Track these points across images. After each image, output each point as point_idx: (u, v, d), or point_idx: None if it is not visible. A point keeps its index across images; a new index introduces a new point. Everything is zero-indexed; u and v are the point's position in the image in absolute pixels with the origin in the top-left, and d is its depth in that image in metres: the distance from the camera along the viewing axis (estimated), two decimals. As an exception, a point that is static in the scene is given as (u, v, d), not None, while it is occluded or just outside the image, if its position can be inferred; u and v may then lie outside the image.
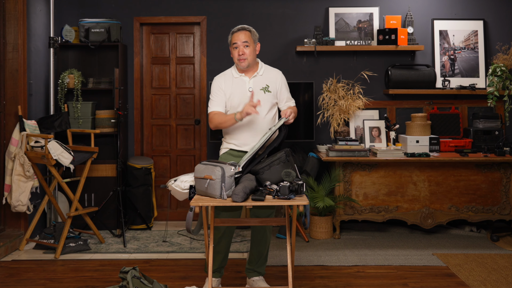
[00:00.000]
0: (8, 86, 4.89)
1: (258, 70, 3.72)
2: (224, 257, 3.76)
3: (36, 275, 4.12)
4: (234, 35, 3.66)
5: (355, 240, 5.05)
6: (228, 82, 3.70)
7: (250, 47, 3.64)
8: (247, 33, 3.65)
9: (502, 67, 5.18)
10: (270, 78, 3.73)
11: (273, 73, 3.77)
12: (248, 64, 3.65)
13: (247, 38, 3.63)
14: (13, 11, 4.88)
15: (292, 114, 3.53)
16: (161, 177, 5.89)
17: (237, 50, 3.63)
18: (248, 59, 3.64)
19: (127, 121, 5.73)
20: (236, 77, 3.71)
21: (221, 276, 3.80)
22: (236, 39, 3.63)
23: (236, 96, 3.66)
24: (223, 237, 3.69)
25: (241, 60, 3.63)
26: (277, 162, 3.28)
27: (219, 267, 3.76)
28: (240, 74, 3.71)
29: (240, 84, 3.69)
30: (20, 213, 4.92)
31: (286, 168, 3.26)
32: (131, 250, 4.76)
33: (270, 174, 3.26)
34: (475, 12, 5.71)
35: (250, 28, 3.70)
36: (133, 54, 5.77)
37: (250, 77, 3.69)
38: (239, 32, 3.65)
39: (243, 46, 3.62)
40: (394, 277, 4.05)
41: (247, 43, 3.62)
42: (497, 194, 5.07)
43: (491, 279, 3.97)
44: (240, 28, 3.67)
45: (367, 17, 5.66)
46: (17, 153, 4.63)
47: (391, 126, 5.34)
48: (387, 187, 5.07)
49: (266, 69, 3.77)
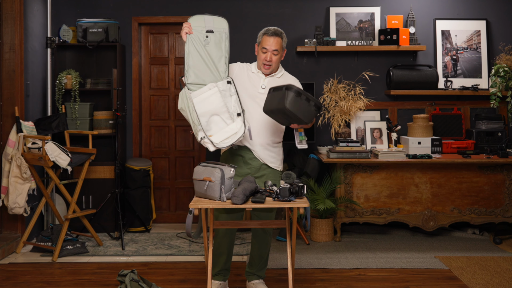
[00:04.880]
0: (4, 86, 4.86)
1: (277, 73, 3.67)
2: (227, 259, 3.71)
3: (33, 278, 4.09)
4: (266, 39, 3.56)
5: (356, 243, 5.02)
6: (245, 72, 3.66)
7: (278, 55, 3.58)
8: (279, 40, 3.56)
9: (505, 67, 5.14)
10: (287, 82, 3.67)
11: (291, 79, 3.71)
12: (272, 70, 3.62)
13: (278, 46, 3.55)
14: (10, 11, 4.84)
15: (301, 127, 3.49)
16: (160, 179, 5.85)
17: (265, 56, 3.56)
18: (273, 66, 3.60)
19: (126, 122, 5.69)
20: (253, 72, 3.67)
21: (226, 279, 3.74)
22: (267, 45, 3.54)
23: (246, 91, 3.59)
24: (224, 238, 3.65)
25: (266, 66, 3.59)
26: (276, 89, 3.30)
27: (222, 269, 3.71)
28: (258, 70, 3.66)
29: (254, 80, 3.64)
30: (17, 216, 4.88)
31: (297, 99, 3.20)
32: (129, 253, 4.72)
33: (270, 98, 3.28)
34: (477, 12, 5.68)
35: (283, 34, 3.61)
36: (132, 54, 5.73)
37: (267, 76, 3.65)
38: (272, 38, 3.54)
39: (272, 53, 3.56)
40: (396, 280, 4.02)
41: (277, 51, 3.56)
42: (500, 196, 5.03)
43: (494, 282, 3.94)
44: (273, 32, 3.55)
45: (368, 17, 5.62)
46: (14, 154, 4.60)
47: (393, 127, 5.32)
48: (389, 189, 5.04)
49: (285, 74, 3.73)
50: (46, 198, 4.85)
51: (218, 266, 3.69)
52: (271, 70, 3.61)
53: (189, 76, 3.44)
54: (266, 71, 3.61)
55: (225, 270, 3.72)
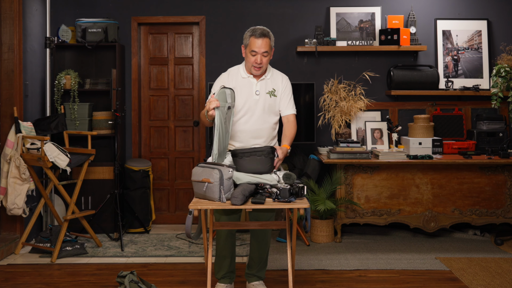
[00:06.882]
0: (3, 87, 4.84)
1: (266, 73, 3.66)
2: (232, 262, 3.70)
3: (32, 279, 4.07)
4: (254, 41, 3.50)
5: (357, 244, 5.00)
6: (234, 81, 3.64)
7: (268, 56, 3.55)
8: (267, 41, 3.52)
9: (506, 67, 5.12)
10: (276, 81, 3.69)
11: (279, 77, 3.72)
12: (262, 72, 3.60)
13: (267, 47, 3.51)
14: (9, 11, 4.82)
15: (279, 162, 3.47)
16: (159, 179, 5.83)
17: (254, 58, 3.52)
18: (263, 68, 3.58)
19: (125, 122, 5.67)
20: (244, 77, 3.65)
21: (232, 281, 3.73)
22: (256, 47, 3.50)
23: (242, 97, 3.59)
24: (226, 241, 3.63)
25: (257, 68, 3.56)
26: (259, 154, 3.27)
27: (227, 271, 3.69)
28: (248, 75, 3.64)
29: (247, 85, 3.62)
30: (15, 217, 4.86)
31: (265, 162, 3.28)
32: (128, 254, 4.70)
33: (248, 162, 3.27)
34: (478, 11, 5.66)
35: (270, 33, 3.56)
36: (131, 54, 5.71)
37: (258, 79, 3.63)
38: (261, 40, 3.49)
39: (262, 55, 3.52)
40: (397, 282, 4.00)
41: (266, 53, 3.52)
42: (501, 197, 5.02)
43: (495, 283, 3.92)
44: (261, 34, 3.50)
45: (369, 17, 5.60)
46: (13, 155, 4.59)
47: (393, 128, 5.30)
48: (389, 190, 5.02)
49: (273, 72, 3.72)
50: (45, 199, 4.83)
51: (223, 269, 3.68)
52: (262, 71, 3.60)
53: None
54: (256, 72, 3.59)
55: (230, 273, 3.70)
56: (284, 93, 3.69)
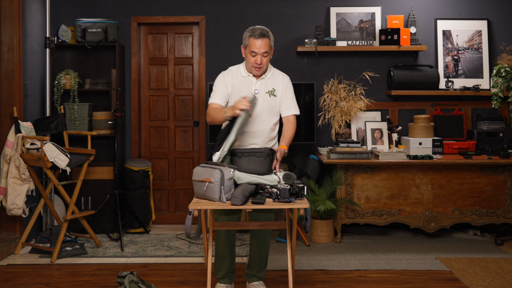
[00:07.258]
0: (3, 87, 4.83)
1: (267, 73, 3.65)
2: (231, 262, 3.70)
3: (32, 279, 4.07)
4: (254, 41, 3.49)
5: (357, 244, 4.99)
6: (235, 79, 3.63)
7: (268, 56, 3.54)
8: (267, 41, 3.51)
9: (506, 67, 5.12)
10: (277, 81, 3.67)
11: (280, 76, 3.70)
12: (262, 71, 3.60)
13: (267, 47, 3.50)
14: (9, 11, 4.82)
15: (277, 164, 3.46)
16: (159, 179, 5.82)
17: (255, 59, 3.51)
18: (264, 68, 3.58)
19: (125, 122, 5.66)
20: (244, 76, 3.64)
21: (232, 281, 3.73)
22: (256, 48, 3.48)
23: (240, 95, 3.56)
24: (226, 241, 3.63)
25: (257, 68, 3.55)
26: (258, 155, 3.30)
27: (227, 272, 3.69)
28: (248, 74, 3.64)
29: (246, 84, 3.62)
30: (15, 217, 4.86)
31: (263, 164, 3.31)
32: (128, 254, 4.69)
33: (247, 162, 3.31)
34: (479, 11, 5.65)
35: (270, 33, 3.55)
36: (131, 54, 5.70)
37: (258, 78, 3.63)
38: (260, 40, 3.48)
39: (262, 56, 3.51)
40: (397, 282, 4.00)
41: (266, 53, 3.51)
42: (502, 197, 5.01)
43: (495, 283, 3.91)
44: (260, 34, 3.48)
45: (369, 17, 5.60)
46: (13, 155, 4.58)
47: (394, 128, 5.30)
48: (390, 190, 5.01)
49: (274, 72, 3.70)
50: (44, 199, 4.82)
51: (223, 269, 3.68)
52: (262, 71, 3.60)
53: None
54: (257, 72, 3.59)
55: (230, 273, 3.70)
56: (285, 94, 3.68)
